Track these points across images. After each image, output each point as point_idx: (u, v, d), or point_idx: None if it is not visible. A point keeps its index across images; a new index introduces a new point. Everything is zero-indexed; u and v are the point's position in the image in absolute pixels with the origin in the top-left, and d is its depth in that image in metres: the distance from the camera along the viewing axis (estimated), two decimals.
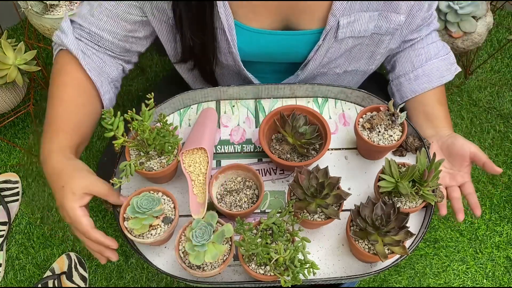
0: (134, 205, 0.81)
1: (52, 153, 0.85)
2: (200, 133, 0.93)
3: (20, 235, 1.55)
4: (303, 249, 0.79)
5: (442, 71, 1.04)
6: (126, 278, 1.47)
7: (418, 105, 1.04)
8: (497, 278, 1.45)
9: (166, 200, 0.87)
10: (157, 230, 0.83)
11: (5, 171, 1.65)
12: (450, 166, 0.95)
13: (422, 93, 1.03)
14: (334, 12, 0.89)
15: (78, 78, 0.93)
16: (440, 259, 1.48)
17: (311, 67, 0.99)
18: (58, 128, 0.89)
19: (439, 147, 0.96)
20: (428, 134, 1.00)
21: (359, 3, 0.90)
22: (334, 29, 0.92)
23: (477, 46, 1.49)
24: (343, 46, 0.97)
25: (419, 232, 0.89)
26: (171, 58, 1.04)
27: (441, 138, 0.97)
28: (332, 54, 0.98)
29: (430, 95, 1.03)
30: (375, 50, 1.01)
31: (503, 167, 1.61)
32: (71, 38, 0.93)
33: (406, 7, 0.93)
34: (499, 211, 1.55)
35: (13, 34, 1.94)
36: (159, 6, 0.91)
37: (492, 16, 1.49)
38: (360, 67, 1.05)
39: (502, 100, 1.74)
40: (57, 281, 1.40)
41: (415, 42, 1.05)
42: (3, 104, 1.45)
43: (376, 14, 0.93)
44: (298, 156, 0.94)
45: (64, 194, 0.81)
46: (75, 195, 0.80)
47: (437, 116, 1.01)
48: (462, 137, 0.94)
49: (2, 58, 1.34)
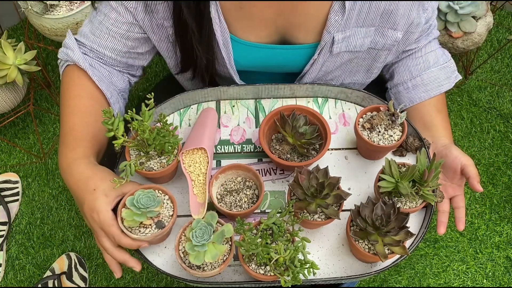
0: (134, 198, 0.80)
1: (77, 160, 0.86)
2: (200, 133, 0.93)
3: (20, 235, 1.55)
4: (303, 249, 0.79)
5: (441, 80, 1.02)
6: (126, 278, 1.47)
7: (416, 114, 1.03)
8: (497, 278, 1.45)
9: (168, 206, 0.86)
10: (146, 230, 0.83)
11: (5, 171, 1.65)
12: (443, 177, 0.94)
13: (420, 102, 1.03)
14: (329, 29, 0.90)
15: (89, 89, 0.94)
16: (440, 259, 1.48)
17: (307, 79, 1.00)
18: (78, 137, 0.89)
19: None
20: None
21: (355, 19, 0.90)
22: (329, 44, 0.92)
23: (477, 46, 1.49)
24: (339, 60, 0.97)
25: (419, 232, 0.89)
26: (172, 70, 1.05)
27: (436, 148, 0.96)
28: (328, 67, 0.98)
29: (428, 104, 1.02)
30: (372, 64, 1.02)
31: (503, 167, 1.61)
32: (77, 53, 0.94)
33: (404, 24, 0.93)
34: (499, 211, 1.55)
35: (13, 34, 1.94)
36: (159, 24, 0.92)
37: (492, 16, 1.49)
38: (358, 80, 1.06)
39: (502, 100, 1.74)
40: (57, 281, 1.40)
41: (414, 51, 1.04)
42: (3, 104, 1.45)
43: (373, 30, 0.93)
44: (298, 156, 0.94)
45: (97, 196, 0.80)
46: (107, 197, 0.80)
47: (435, 124, 1.00)
48: (457, 149, 0.93)
49: (2, 58, 1.34)
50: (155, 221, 0.83)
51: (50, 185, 1.62)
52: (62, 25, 1.40)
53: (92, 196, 0.81)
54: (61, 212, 1.58)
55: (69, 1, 1.41)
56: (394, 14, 0.90)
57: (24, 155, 1.68)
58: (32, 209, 1.59)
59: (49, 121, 1.75)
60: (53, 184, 1.63)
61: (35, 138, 1.71)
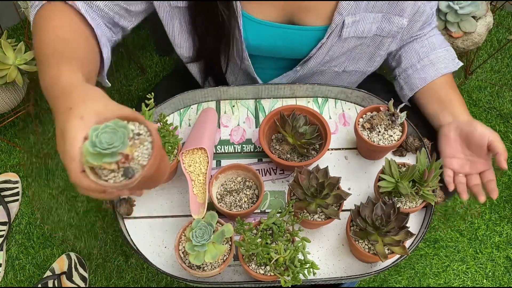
0: (97, 131, 0.59)
1: (61, 76, 0.70)
2: (200, 133, 0.93)
3: (20, 235, 1.55)
4: (303, 249, 0.79)
5: (448, 61, 1.03)
6: (126, 278, 1.47)
7: (430, 94, 1.01)
8: (497, 278, 1.45)
9: (147, 141, 0.61)
10: (112, 175, 0.60)
11: (5, 171, 1.65)
12: (471, 153, 0.93)
13: (432, 81, 1.02)
14: (341, 11, 0.90)
15: (74, 21, 0.80)
16: (440, 259, 1.48)
17: (311, 64, 0.99)
18: (64, 56, 0.74)
19: (458, 135, 0.94)
20: (446, 121, 0.97)
21: (365, 3, 0.90)
22: (339, 28, 0.92)
23: (477, 46, 1.49)
24: (346, 46, 0.97)
25: (419, 232, 0.89)
26: (184, 59, 1.04)
27: (460, 125, 0.94)
28: (334, 52, 0.98)
29: (440, 81, 1.02)
30: (376, 51, 1.02)
31: None
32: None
33: (410, 11, 0.94)
34: (499, 211, 1.55)
35: (13, 34, 1.94)
36: (173, 6, 0.91)
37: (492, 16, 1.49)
38: (359, 68, 1.05)
39: (502, 100, 1.74)
40: (57, 281, 1.40)
41: (419, 36, 1.05)
42: (3, 104, 1.45)
43: (380, 16, 0.93)
44: (298, 156, 0.94)
45: (70, 117, 0.62)
46: (82, 121, 0.61)
47: (451, 100, 0.99)
48: (481, 124, 0.92)
49: (2, 58, 1.34)
50: (121, 166, 0.60)
51: (50, 185, 1.62)
52: None
53: (66, 115, 0.63)
54: (61, 212, 1.58)
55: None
56: (402, 1, 0.91)
57: (24, 155, 1.68)
58: (32, 209, 1.59)
59: (49, 121, 1.75)
60: (53, 184, 1.63)
61: (35, 138, 1.71)
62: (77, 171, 0.61)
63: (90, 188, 0.61)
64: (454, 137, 0.94)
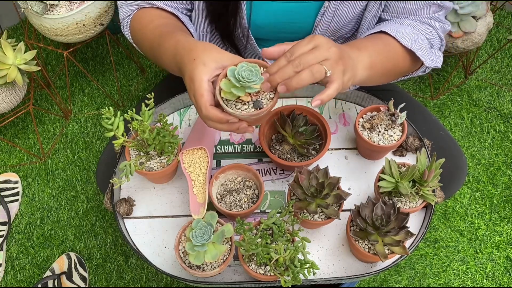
0: (236, 69, 0.74)
1: (180, 41, 0.86)
2: (200, 133, 0.93)
3: (20, 235, 1.55)
4: (303, 249, 0.79)
5: (412, 36, 0.93)
6: (126, 278, 1.47)
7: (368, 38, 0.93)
8: (497, 278, 1.45)
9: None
10: (243, 107, 0.76)
11: (5, 171, 1.65)
12: None
13: (378, 32, 0.93)
14: None
15: (160, 13, 0.98)
16: (440, 259, 1.48)
17: (318, 32, 0.98)
18: (173, 31, 0.91)
19: None
20: None
21: None
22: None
23: (477, 46, 1.49)
24: (351, 10, 0.95)
25: (419, 232, 0.89)
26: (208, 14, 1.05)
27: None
28: (340, 18, 0.96)
29: (380, 37, 0.92)
30: (363, 14, 0.97)
31: (503, 167, 1.61)
32: (138, 2, 0.99)
33: None
34: (499, 211, 1.55)
35: (13, 34, 1.94)
36: None
37: (492, 16, 1.49)
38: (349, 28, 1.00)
39: (502, 100, 1.74)
40: (57, 281, 1.40)
41: (420, 20, 0.96)
42: (3, 104, 1.45)
43: None
44: (298, 156, 0.94)
45: (195, 65, 0.79)
46: (205, 67, 0.78)
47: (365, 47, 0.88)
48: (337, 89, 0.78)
49: (2, 58, 1.34)
50: (254, 99, 0.76)
51: (50, 185, 1.62)
52: (62, 25, 1.40)
53: (191, 65, 0.80)
54: (61, 212, 1.58)
55: (69, 1, 1.41)
56: None
57: (24, 155, 1.68)
58: (32, 209, 1.59)
59: (49, 121, 1.75)
60: (53, 184, 1.63)
61: (35, 138, 1.71)
62: (207, 104, 0.76)
63: (217, 117, 0.76)
64: None
